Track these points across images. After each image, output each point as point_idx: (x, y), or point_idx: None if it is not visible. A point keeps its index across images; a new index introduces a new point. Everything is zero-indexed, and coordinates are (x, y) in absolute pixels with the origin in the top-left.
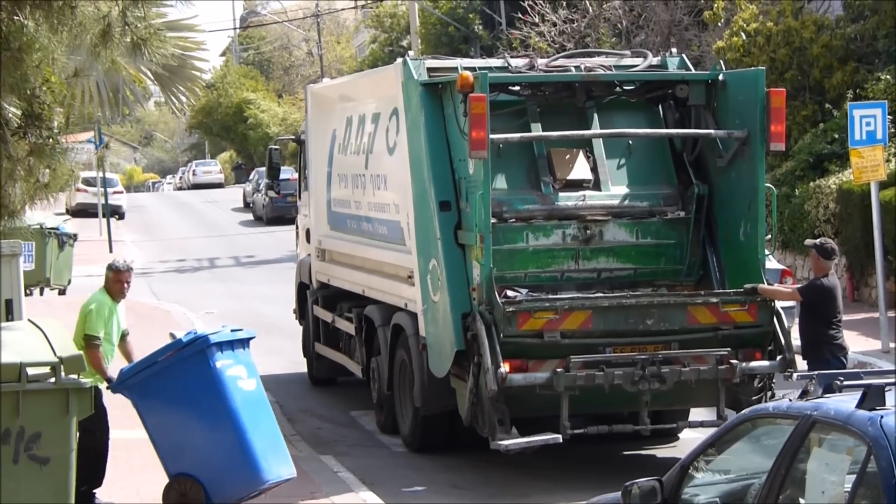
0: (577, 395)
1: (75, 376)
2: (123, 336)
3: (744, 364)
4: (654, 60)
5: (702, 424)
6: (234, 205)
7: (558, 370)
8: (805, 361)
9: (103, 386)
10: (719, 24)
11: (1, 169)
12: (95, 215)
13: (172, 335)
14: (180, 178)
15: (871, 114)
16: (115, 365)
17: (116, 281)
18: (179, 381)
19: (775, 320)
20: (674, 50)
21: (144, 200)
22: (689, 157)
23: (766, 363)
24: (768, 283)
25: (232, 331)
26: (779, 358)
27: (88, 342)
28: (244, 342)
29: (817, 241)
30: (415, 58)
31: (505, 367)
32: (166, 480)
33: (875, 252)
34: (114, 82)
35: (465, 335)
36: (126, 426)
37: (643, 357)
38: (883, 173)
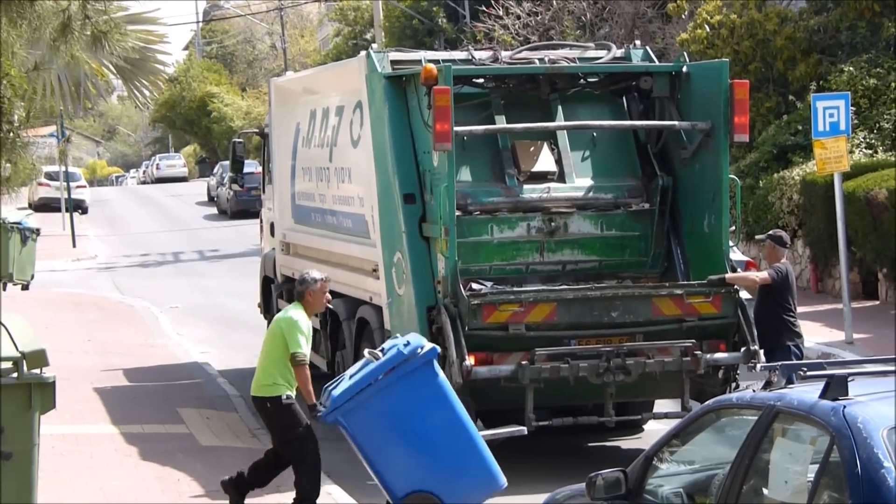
0: (542, 387)
1: (38, 371)
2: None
3: (708, 355)
4: (618, 53)
5: (666, 416)
6: (197, 199)
7: (523, 363)
8: (763, 351)
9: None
10: (683, 17)
11: None
12: (58, 210)
13: (372, 353)
14: (144, 171)
15: (834, 105)
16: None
17: (322, 292)
18: (406, 396)
19: (739, 312)
20: (637, 42)
21: (108, 194)
22: (653, 149)
23: (730, 354)
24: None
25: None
26: (743, 349)
27: (295, 360)
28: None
29: (769, 232)
30: (378, 51)
31: (470, 360)
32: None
33: (839, 243)
34: (75, 76)
35: (431, 328)
36: (89, 421)
37: (608, 349)
38: (846, 164)
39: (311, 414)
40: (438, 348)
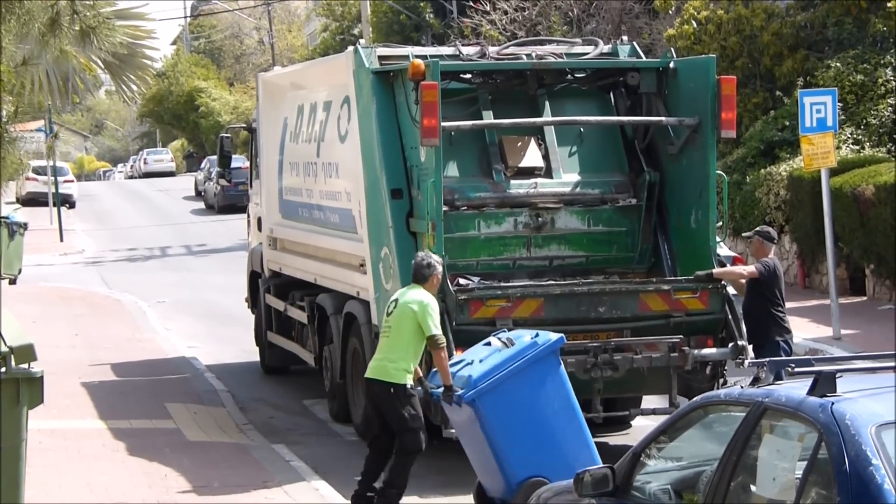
0: None
1: (25, 366)
2: None
3: (696, 351)
4: (605, 48)
5: (654, 412)
6: (185, 193)
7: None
8: (752, 346)
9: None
10: (670, 13)
11: None
12: (46, 204)
13: (506, 339)
14: (131, 166)
15: (821, 101)
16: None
17: (440, 277)
18: (533, 383)
19: (727, 307)
20: (625, 38)
21: (95, 189)
22: (640, 145)
23: (718, 350)
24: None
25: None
26: (731, 345)
27: (436, 343)
28: None
29: (756, 229)
30: (366, 46)
31: (457, 355)
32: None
33: (826, 239)
34: (63, 71)
35: None
36: (77, 416)
37: (595, 345)
38: (833, 160)
39: (446, 395)
40: (564, 337)
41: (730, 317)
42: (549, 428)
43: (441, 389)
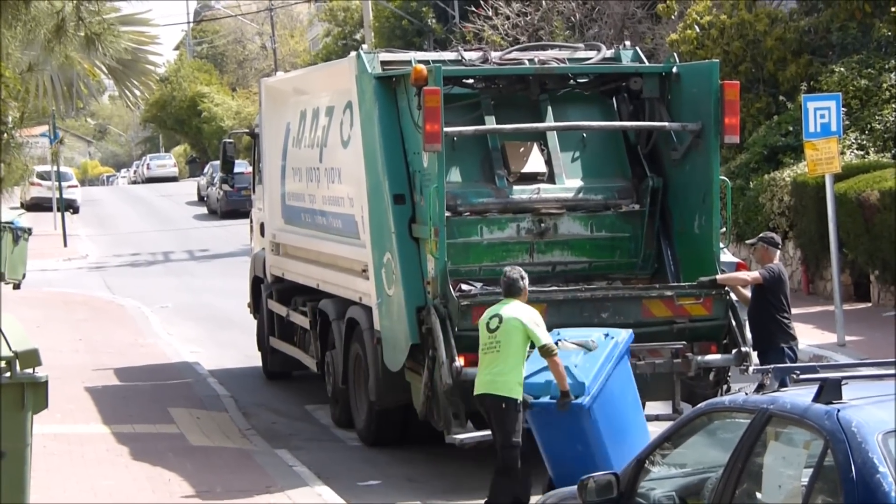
0: None
1: (30, 370)
2: None
3: (699, 357)
4: (608, 53)
5: (657, 418)
6: (188, 198)
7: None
8: (757, 353)
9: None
10: (673, 17)
11: None
12: (50, 209)
13: (580, 343)
14: (134, 171)
15: (825, 106)
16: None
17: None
18: (621, 381)
19: (730, 313)
20: (627, 43)
21: (99, 194)
22: (643, 150)
23: (721, 356)
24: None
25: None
26: (734, 351)
27: (550, 351)
28: None
29: (760, 235)
30: (368, 51)
31: (460, 361)
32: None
33: (830, 245)
34: (68, 77)
35: (420, 329)
36: (81, 420)
37: None
38: (837, 166)
39: (562, 402)
40: (633, 333)
41: (733, 323)
42: (628, 422)
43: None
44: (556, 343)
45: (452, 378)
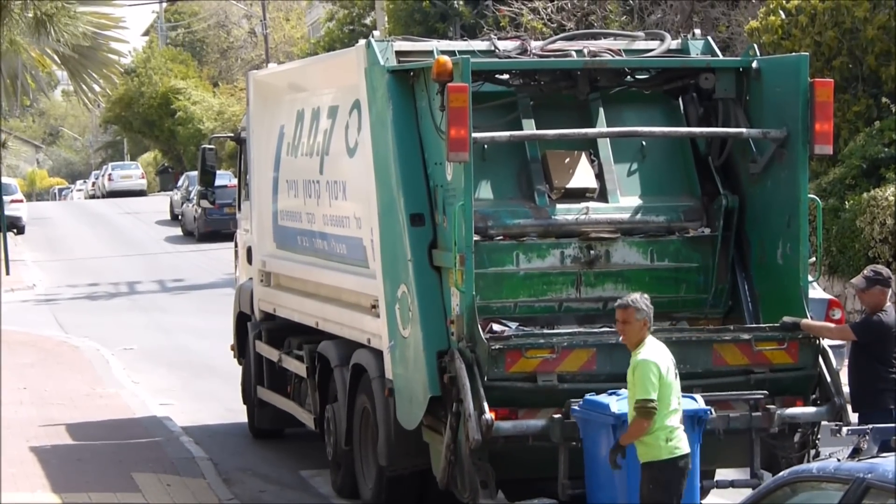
0: (578, 447)
1: None
2: None
3: (783, 411)
4: (674, 44)
5: (732, 484)
6: (158, 217)
7: (556, 416)
8: (857, 414)
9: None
10: (753, 1)
11: None
12: None
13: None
14: (93, 183)
15: None
16: None
17: None
18: None
19: (821, 361)
20: (697, 31)
21: (49, 211)
22: (715, 162)
23: (811, 410)
24: (811, 318)
25: None
26: (827, 404)
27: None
28: None
29: (869, 273)
30: (381, 39)
31: (490, 415)
32: None
33: None
34: (12, 67)
35: (442, 378)
36: (24, 488)
37: None
38: None
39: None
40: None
41: (825, 372)
42: None
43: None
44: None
45: (482, 434)
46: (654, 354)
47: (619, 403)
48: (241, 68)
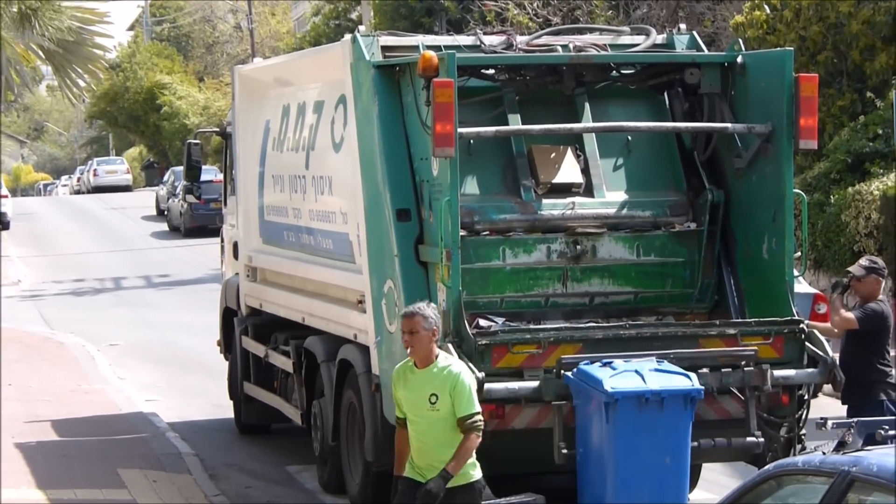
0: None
1: None
2: None
3: (775, 371)
4: (659, 39)
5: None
6: (144, 212)
7: (548, 376)
8: (848, 407)
9: None
10: None
11: None
12: None
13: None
14: (78, 179)
15: None
16: None
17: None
18: None
19: (806, 356)
20: (682, 26)
21: (34, 206)
22: (700, 157)
23: (804, 371)
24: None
25: None
26: (819, 366)
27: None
28: None
29: (865, 263)
30: (367, 34)
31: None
32: None
33: None
34: None
35: None
36: (9, 484)
37: None
38: None
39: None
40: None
41: (812, 347)
42: None
43: None
44: None
45: None
46: (465, 371)
47: (612, 380)
48: (227, 63)
